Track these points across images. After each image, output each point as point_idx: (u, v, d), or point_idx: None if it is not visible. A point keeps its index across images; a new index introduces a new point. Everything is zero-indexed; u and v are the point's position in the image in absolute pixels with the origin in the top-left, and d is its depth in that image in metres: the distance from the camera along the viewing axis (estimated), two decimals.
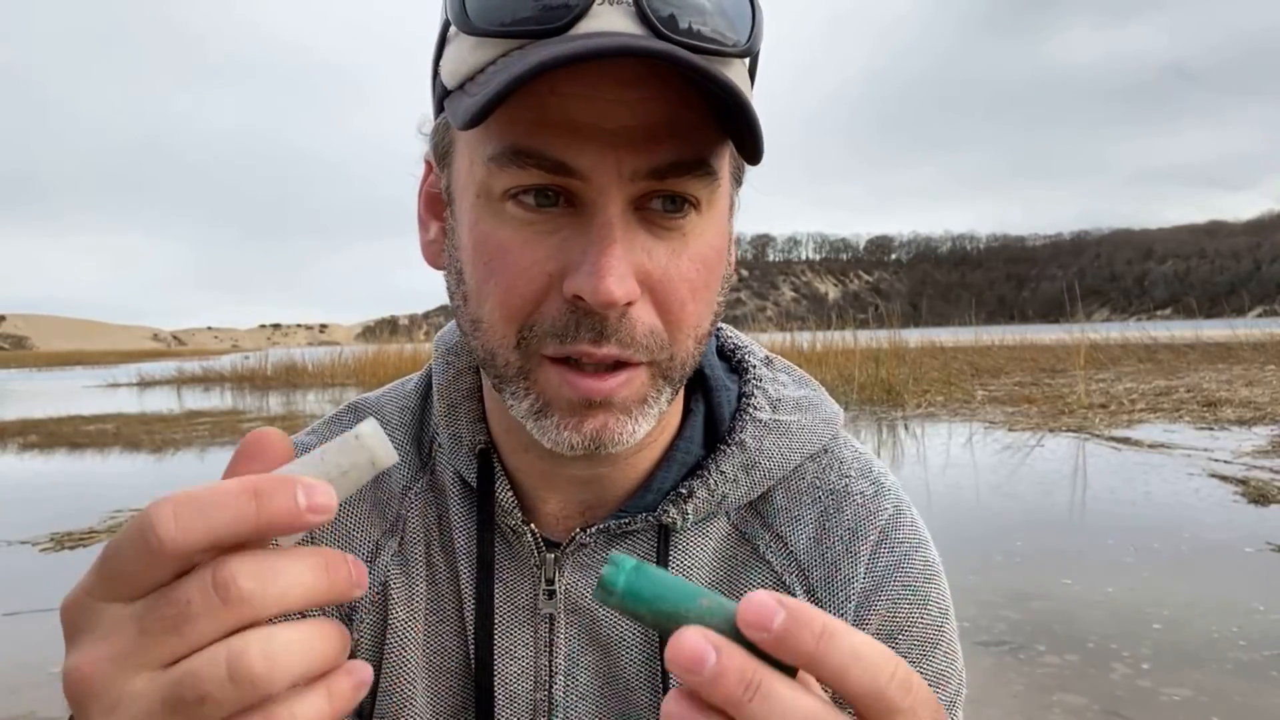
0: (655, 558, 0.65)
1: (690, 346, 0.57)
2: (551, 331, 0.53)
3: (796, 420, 0.69)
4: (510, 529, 0.65)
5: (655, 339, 0.54)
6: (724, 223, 0.58)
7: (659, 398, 0.57)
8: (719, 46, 0.50)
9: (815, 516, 0.68)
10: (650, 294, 0.53)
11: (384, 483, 0.68)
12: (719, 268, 0.57)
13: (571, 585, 0.65)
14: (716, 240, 0.56)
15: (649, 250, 0.53)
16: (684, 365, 0.57)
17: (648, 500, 0.65)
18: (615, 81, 0.49)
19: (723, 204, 0.57)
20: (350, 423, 0.72)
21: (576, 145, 0.49)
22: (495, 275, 0.54)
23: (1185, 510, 5.22)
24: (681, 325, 0.55)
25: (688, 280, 0.54)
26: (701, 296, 0.56)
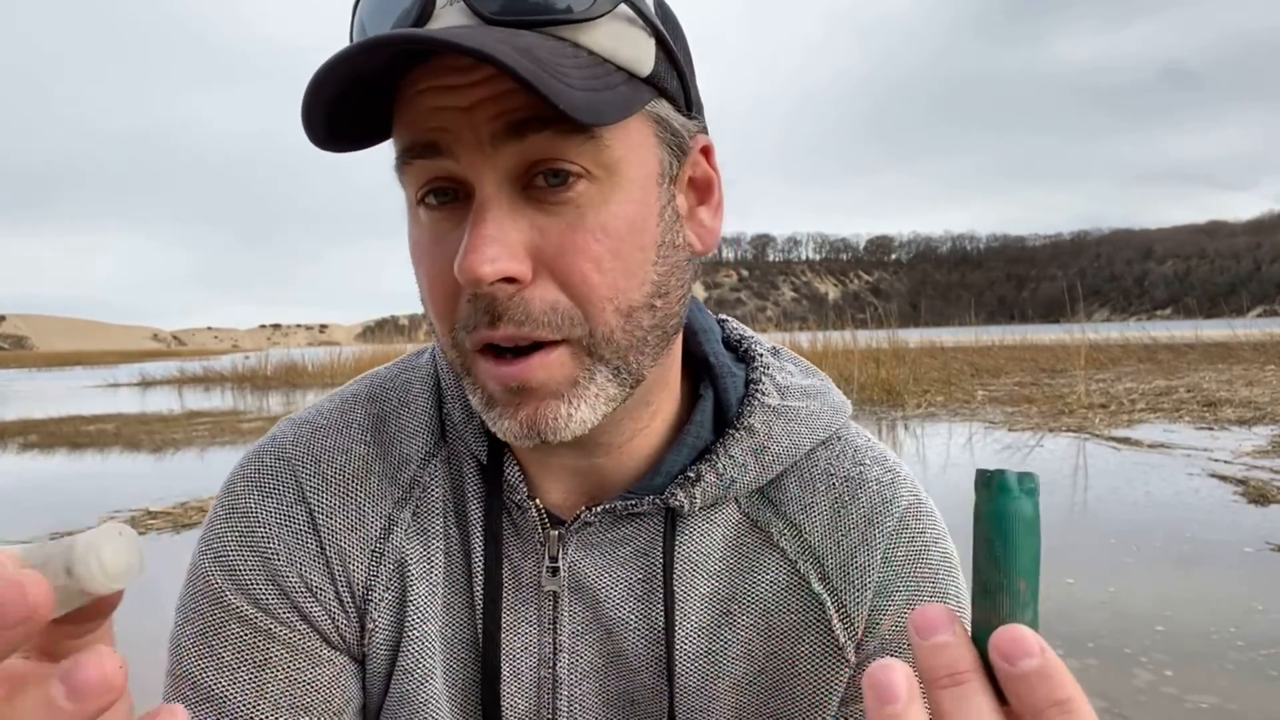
0: (662, 541, 0.65)
1: (613, 321, 0.55)
2: (464, 324, 0.55)
3: (805, 406, 0.69)
4: (516, 504, 0.65)
5: (561, 315, 0.53)
6: (641, 191, 0.55)
7: (592, 378, 0.55)
8: (558, 16, 0.51)
9: (829, 503, 0.67)
10: (549, 271, 0.53)
11: (395, 449, 0.68)
12: (635, 238, 0.55)
13: (575, 563, 0.65)
14: (625, 209, 0.54)
15: (540, 227, 0.53)
16: (610, 340, 0.55)
17: (656, 483, 0.65)
18: (460, 69, 0.51)
19: (633, 171, 0.55)
20: (356, 394, 0.71)
21: (440, 125, 0.52)
22: (423, 279, 0.57)
23: (1186, 510, 5.22)
24: (590, 299, 0.53)
25: (586, 251, 0.53)
26: (610, 267, 0.54)
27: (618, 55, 0.53)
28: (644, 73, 0.54)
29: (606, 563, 0.65)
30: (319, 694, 0.64)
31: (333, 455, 0.67)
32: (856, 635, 0.65)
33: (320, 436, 0.67)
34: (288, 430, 0.69)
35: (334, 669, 0.65)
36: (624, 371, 0.57)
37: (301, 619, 0.64)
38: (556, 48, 0.51)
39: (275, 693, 0.63)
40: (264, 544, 0.64)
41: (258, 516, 0.65)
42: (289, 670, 0.63)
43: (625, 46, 0.53)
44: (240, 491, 0.66)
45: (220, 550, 0.64)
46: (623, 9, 0.53)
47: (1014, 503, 0.32)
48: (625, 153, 0.54)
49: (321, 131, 0.52)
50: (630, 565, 0.65)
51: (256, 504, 0.65)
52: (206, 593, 0.64)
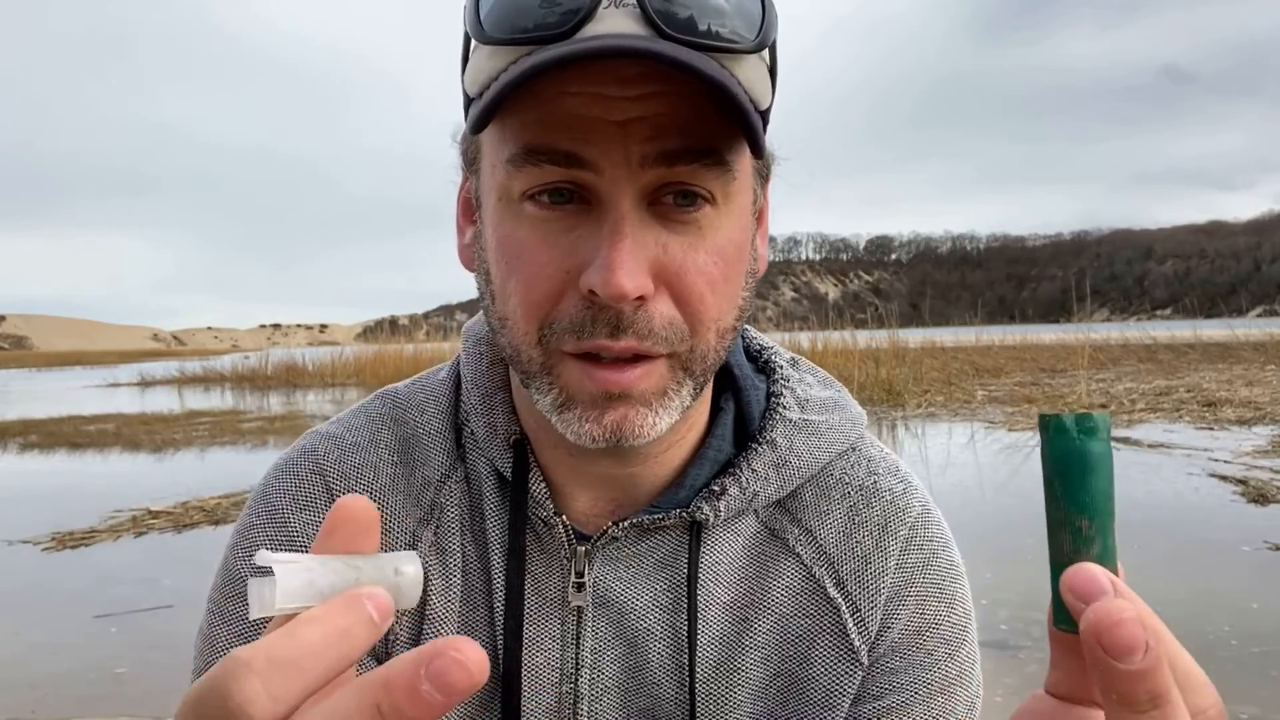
0: (687, 553, 0.66)
1: (712, 340, 0.57)
2: (570, 328, 0.54)
3: (825, 420, 0.70)
4: (542, 520, 0.66)
5: (674, 331, 0.55)
6: (745, 218, 0.58)
7: (680, 390, 0.57)
8: (724, 44, 0.51)
9: (844, 511, 0.69)
10: (667, 287, 0.54)
11: (418, 471, 0.68)
12: (739, 263, 0.58)
13: (600, 578, 0.66)
14: (736, 235, 0.57)
15: (664, 244, 0.54)
16: (705, 359, 0.57)
17: (680, 497, 0.65)
18: (621, 80, 0.50)
19: (742, 199, 0.57)
20: (382, 413, 0.72)
21: (585, 138, 0.51)
22: (516, 274, 0.56)
23: (1186, 510, 5.23)
24: (701, 318, 0.56)
25: (704, 273, 0.55)
26: (721, 290, 0.56)
27: (753, 88, 0.54)
28: (763, 107, 0.56)
29: (632, 575, 0.66)
30: None
31: (361, 471, 0.68)
32: (870, 638, 0.66)
33: (351, 453, 0.69)
34: (319, 443, 0.70)
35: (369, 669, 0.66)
36: (701, 386, 0.59)
37: None
38: (729, 76, 0.51)
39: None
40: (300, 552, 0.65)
41: (295, 527, 0.66)
42: None
43: (759, 81, 0.55)
44: (277, 502, 0.67)
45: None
46: (768, 48, 0.55)
47: (1071, 443, 0.33)
48: (741, 182, 0.56)
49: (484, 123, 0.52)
50: (655, 577, 0.66)
51: (294, 515, 0.67)
52: (244, 595, 0.65)
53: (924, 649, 0.67)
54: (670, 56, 0.47)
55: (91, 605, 4.14)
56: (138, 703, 3.04)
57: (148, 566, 4.81)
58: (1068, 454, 0.33)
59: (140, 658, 3.47)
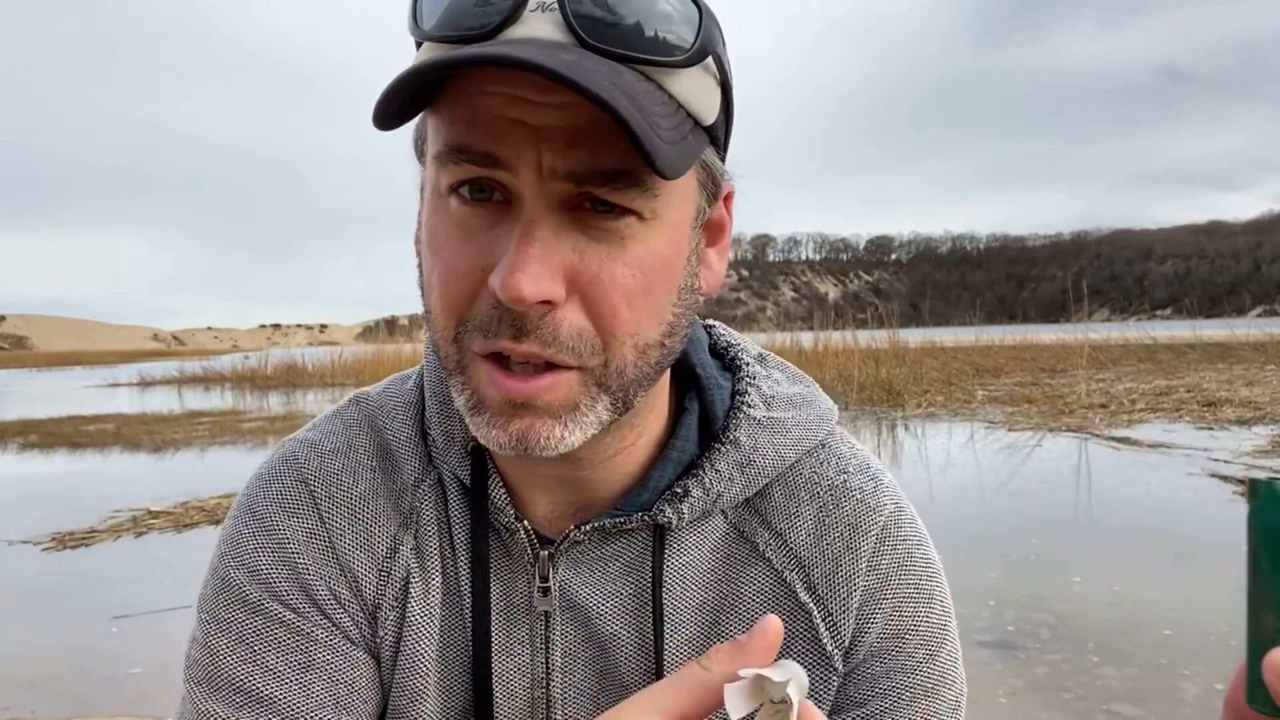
0: (651, 557, 0.65)
1: (628, 356, 0.55)
2: (479, 326, 0.53)
3: (791, 417, 0.69)
4: (504, 526, 0.65)
5: (584, 342, 0.53)
6: (678, 233, 0.56)
7: (593, 406, 0.55)
8: (652, 57, 0.50)
9: (814, 512, 0.67)
10: (580, 296, 0.53)
11: (397, 476, 0.68)
12: (665, 278, 0.55)
13: (566, 582, 0.65)
14: (664, 249, 0.54)
15: (581, 251, 0.52)
16: (621, 374, 0.55)
17: (643, 499, 0.65)
18: (541, 85, 0.48)
19: (676, 214, 0.55)
20: (357, 419, 0.72)
21: (501, 138, 0.50)
22: (437, 268, 0.55)
23: (1186, 510, 5.23)
24: (615, 332, 0.53)
25: (622, 285, 0.53)
26: (639, 304, 0.54)
27: (691, 103, 0.53)
28: (708, 122, 0.55)
29: (597, 580, 0.66)
30: (358, 694, 0.65)
31: (342, 477, 0.68)
32: (844, 644, 0.65)
33: (331, 459, 0.69)
34: (299, 450, 0.70)
35: (369, 672, 0.66)
36: (621, 402, 0.57)
37: (335, 626, 0.65)
38: (649, 91, 0.50)
39: (320, 692, 0.64)
40: (294, 559, 0.66)
41: (285, 534, 0.66)
42: (332, 671, 0.65)
43: (700, 95, 0.53)
44: (264, 510, 0.68)
45: (254, 566, 0.66)
46: (709, 59, 0.53)
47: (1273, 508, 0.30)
48: (671, 196, 0.54)
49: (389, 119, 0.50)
50: (620, 581, 0.66)
51: (282, 523, 0.67)
52: (244, 603, 0.65)
53: (904, 651, 0.66)
54: (549, 69, 0.44)
55: (92, 605, 4.14)
56: (146, 701, 3.04)
57: (149, 566, 4.81)
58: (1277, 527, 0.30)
59: (149, 658, 3.47)
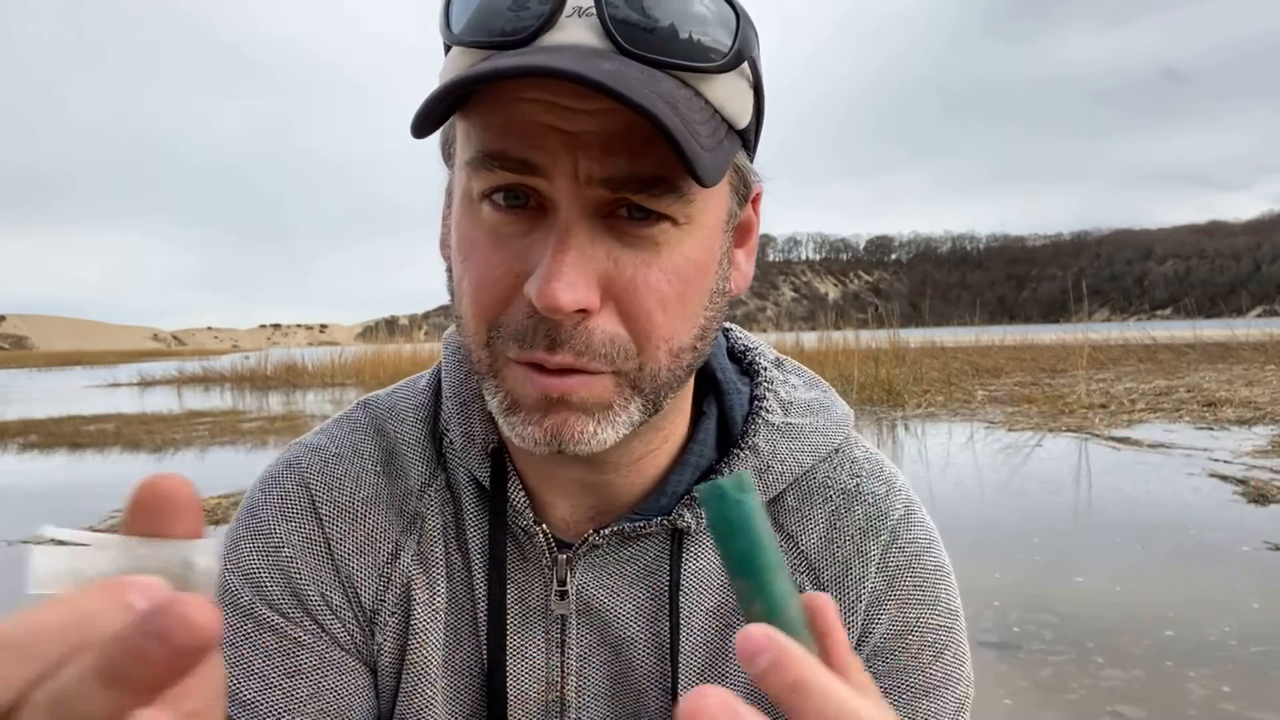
0: (669, 560, 0.65)
1: (663, 360, 0.55)
2: (514, 335, 0.54)
3: (809, 423, 0.69)
4: (522, 529, 0.65)
5: (618, 348, 0.53)
6: (711, 237, 0.56)
7: (626, 406, 0.56)
8: (690, 63, 0.50)
9: (826, 516, 0.68)
10: (615, 302, 0.53)
11: (401, 481, 0.68)
12: (699, 282, 0.56)
13: (583, 586, 0.65)
14: (697, 254, 0.55)
15: (616, 258, 0.52)
16: (655, 377, 0.55)
17: (661, 504, 0.65)
18: (577, 91, 0.48)
19: (709, 218, 0.55)
20: (363, 423, 0.72)
21: (538, 144, 0.50)
22: (469, 274, 0.55)
23: (1187, 510, 5.22)
24: (650, 337, 0.54)
25: (656, 291, 0.53)
26: (673, 309, 0.54)
27: (727, 108, 0.53)
28: (741, 126, 0.55)
29: (614, 583, 0.66)
30: (343, 701, 0.65)
31: (344, 482, 0.68)
32: (851, 644, 0.66)
33: (334, 463, 0.69)
34: (302, 455, 0.70)
35: (358, 679, 0.66)
36: (654, 403, 0.57)
37: (325, 632, 0.66)
38: (689, 98, 0.50)
39: (304, 698, 0.64)
40: (288, 564, 0.66)
41: (281, 538, 0.66)
42: (316, 677, 0.65)
43: (735, 100, 0.53)
44: (262, 514, 0.68)
45: (248, 569, 0.66)
46: (745, 64, 0.53)
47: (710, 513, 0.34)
48: (707, 200, 0.54)
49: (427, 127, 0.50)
50: (638, 585, 0.66)
51: (279, 526, 0.67)
52: (235, 606, 0.65)
53: (908, 651, 0.67)
54: (591, 79, 0.44)
55: None
56: None
57: None
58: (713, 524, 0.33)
59: None
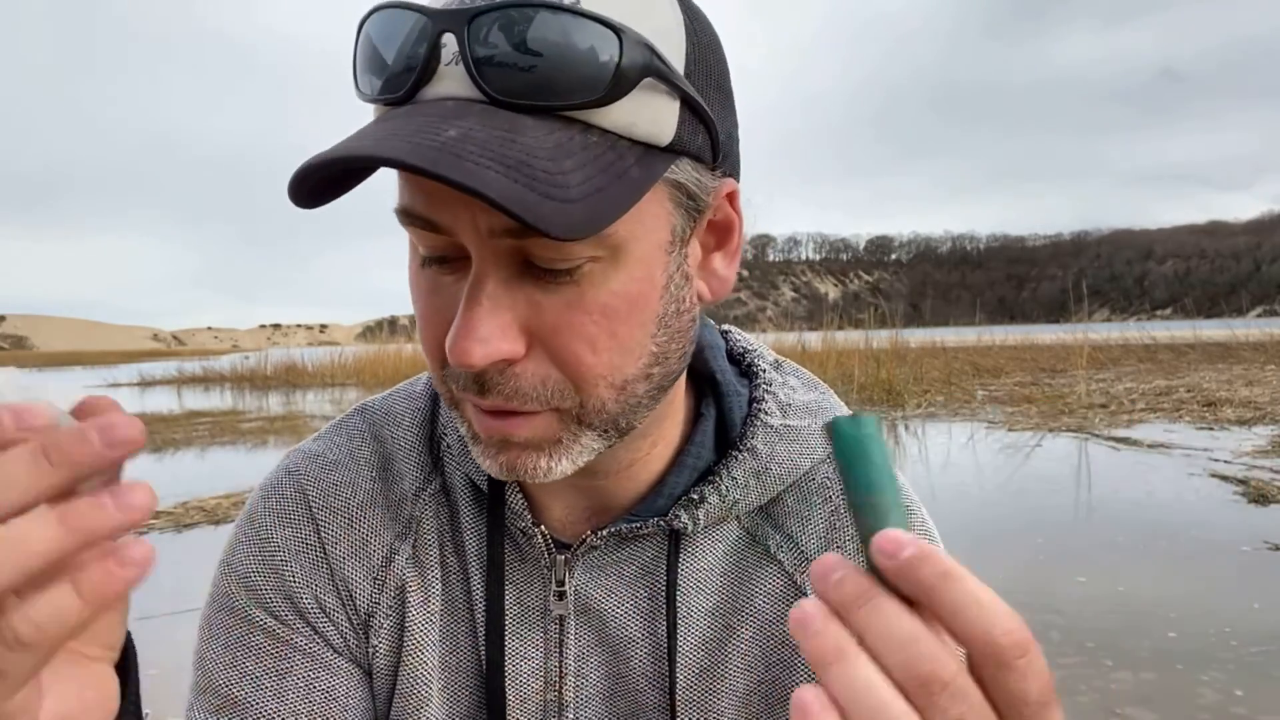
0: (666, 561, 0.66)
1: (605, 395, 0.54)
2: (452, 377, 0.55)
3: (807, 425, 0.69)
4: (520, 531, 0.66)
5: (552, 389, 0.53)
6: (646, 266, 0.53)
7: (577, 439, 0.55)
8: (566, 101, 0.47)
9: (826, 517, 0.68)
10: (543, 347, 0.52)
11: (396, 486, 0.69)
12: (636, 315, 0.53)
13: (582, 586, 0.66)
14: (628, 286, 0.52)
15: (536, 303, 0.51)
16: (601, 412, 0.54)
17: (658, 505, 0.65)
18: None
19: (641, 246, 0.52)
20: (360, 429, 0.72)
21: (437, 204, 0.49)
22: (418, 315, 0.56)
23: (1187, 510, 5.23)
24: (583, 377, 0.53)
25: (582, 334, 0.51)
26: (605, 347, 0.52)
27: (635, 130, 0.49)
28: (664, 142, 0.51)
29: (612, 583, 0.66)
30: (336, 703, 0.65)
31: (340, 489, 0.68)
32: None
33: (331, 470, 0.69)
34: (300, 462, 0.71)
35: (351, 681, 0.67)
36: (611, 431, 0.57)
37: (318, 635, 0.66)
38: (562, 141, 0.47)
39: (295, 700, 0.64)
40: (283, 567, 0.66)
41: (277, 543, 0.67)
42: (308, 679, 0.65)
43: (645, 119, 0.49)
44: (261, 521, 0.69)
45: (243, 573, 0.67)
46: (647, 80, 0.48)
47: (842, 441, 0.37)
48: (633, 229, 0.51)
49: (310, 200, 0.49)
50: (636, 585, 0.66)
51: (276, 532, 0.68)
52: (230, 610, 0.66)
53: None
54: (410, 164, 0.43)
55: None
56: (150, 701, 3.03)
57: None
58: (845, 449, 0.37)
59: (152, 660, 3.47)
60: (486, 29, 0.46)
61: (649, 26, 0.50)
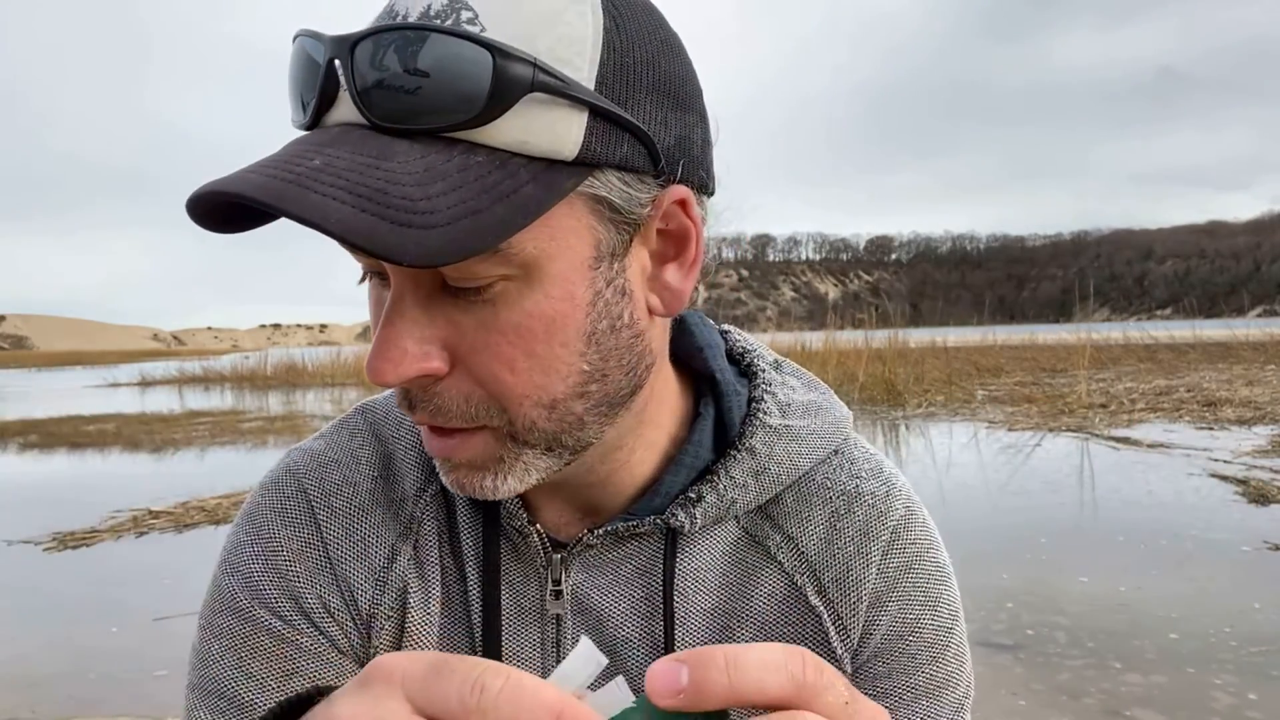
0: (663, 560, 0.65)
1: (533, 414, 0.53)
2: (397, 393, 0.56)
3: (806, 425, 0.69)
4: (516, 530, 0.66)
5: (477, 407, 0.53)
6: (565, 284, 0.52)
7: (519, 457, 0.55)
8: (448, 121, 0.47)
9: (826, 517, 0.68)
10: (463, 365, 0.52)
11: (398, 486, 0.69)
12: (556, 334, 0.52)
13: (578, 586, 0.66)
14: (543, 306, 0.51)
15: (455, 322, 0.51)
16: (534, 431, 0.54)
17: (655, 503, 0.65)
18: None
19: (559, 264, 0.51)
20: (361, 428, 0.72)
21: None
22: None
23: (1188, 510, 5.23)
24: (506, 396, 0.52)
25: (498, 354, 0.51)
26: (524, 367, 0.52)
27: (528, 146, 0.48)
28: (568, 156, 0.48)
29: (609, 582, 0.66)
30: None
31: (341, 488, 0.68)
32: (852, 645, 0.66)
33: (332, 469, 0.69)
34: (300, 461, 0.71)
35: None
36: (557, 448, 0.56)
37: (322, 635, 0.66)
38: (435, 164, 0.46)
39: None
40: (286, 568, 0.66)
41: (279, 543, 0.67)
42: (315, 680, 0.65)
43: (540, 133, 0.48)
44: (262, 519, 0.68)
45: (247, 574, 0.67)
46: (535, 95, 0.47)
47: None
48: (545, 246, 0.50)
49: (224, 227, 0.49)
50: (633, 584, 0.66)
51: (278, 532, 0.67)
52: (234, 610, 0.66)
53: (907, 653, 0.66)
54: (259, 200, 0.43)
55: (93, 605, 4.14)
56: (141, 691, 3.04)
57: (150, 566, 4.82)
58: None
59: (144, 650, 3.47)
60: (368, 54, 0.47)
61: (552, 37, 0.48)
